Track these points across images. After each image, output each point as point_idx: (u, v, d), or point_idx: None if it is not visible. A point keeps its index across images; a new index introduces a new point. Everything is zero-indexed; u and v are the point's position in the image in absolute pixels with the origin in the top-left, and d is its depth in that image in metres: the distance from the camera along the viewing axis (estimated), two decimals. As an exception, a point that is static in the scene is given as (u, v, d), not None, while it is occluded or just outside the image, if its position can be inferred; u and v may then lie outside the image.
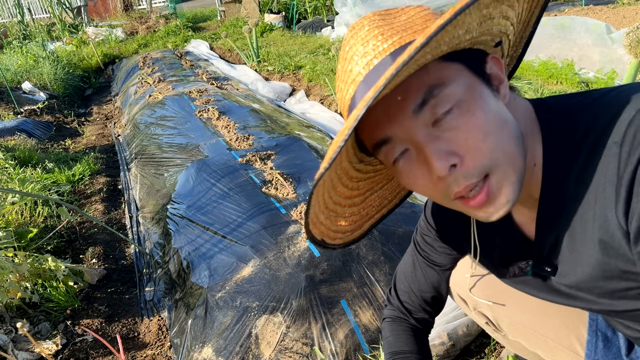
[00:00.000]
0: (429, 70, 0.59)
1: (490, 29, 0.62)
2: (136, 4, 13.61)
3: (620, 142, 0.59)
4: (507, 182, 0.63)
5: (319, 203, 0.70)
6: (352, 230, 0.82)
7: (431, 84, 0.60)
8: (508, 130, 0.62)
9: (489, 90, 0.64)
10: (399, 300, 1.11)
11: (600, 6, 6.20)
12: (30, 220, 2.65)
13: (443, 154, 0.61)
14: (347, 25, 6.61)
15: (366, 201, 0.83)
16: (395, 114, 0.62)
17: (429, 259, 1.04)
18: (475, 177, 0.62)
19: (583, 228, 0.65)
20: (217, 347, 1.59)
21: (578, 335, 0.94)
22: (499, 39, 0.67)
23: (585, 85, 3.68)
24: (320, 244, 0.77)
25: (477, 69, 0.64)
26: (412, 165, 0.65)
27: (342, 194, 0.76)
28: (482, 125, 0.60)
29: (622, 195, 0.58)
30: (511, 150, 0.62)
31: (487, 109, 0.61)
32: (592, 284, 0.69)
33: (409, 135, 0.63)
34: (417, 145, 0.63)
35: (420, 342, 1.08)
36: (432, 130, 0.61)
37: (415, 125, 0.61)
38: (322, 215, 0.73)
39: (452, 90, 0.60)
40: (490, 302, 1.01)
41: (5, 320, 1.92)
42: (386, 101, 0.61)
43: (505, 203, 0.64)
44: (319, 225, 0.74)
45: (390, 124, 0.63)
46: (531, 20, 0.71)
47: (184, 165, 2.86)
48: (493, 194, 0.63)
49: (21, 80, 6.04)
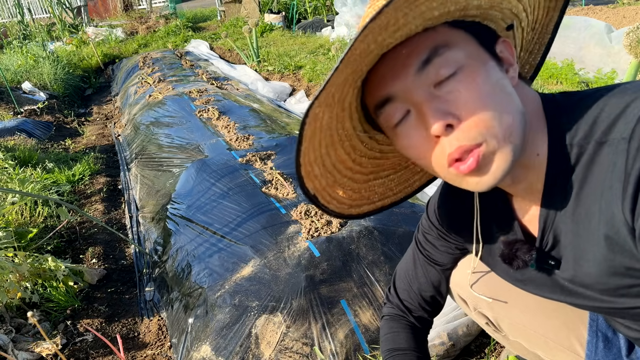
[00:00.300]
0: (437, 32, 0.62)
1: (500, 4, 0.64)
2: (136, 4, 13.60)
3: (629, 138, 0.59)
4: (499, 153, 0.63)
5: (313, 152, 0.69)
6: (349, 204, 0.82)
7: (437, 44, 0.62)
8: (509, 103, 0.63)
9: (496, 64, 0.65)
10: (399, 299, 1.11)
11: (600, 6, 6.19)
12: (30, 220, 2.65)
13: (440, 113, 0.62)
14: (347, 25, 6.61)
15: (369, 183, 0.83)
16: (399, 70, 0.63)
17: (430, 258, 1.04)
18: (469, 141, 0.62)
19: (588, 223, 0.65)
20: (217, 347, 1.59)
21: (578, 335, 0.94)
22: (511, 22, 0.68)
23: (585, 85, 3.68)
24: (312, 199, 0.75)
25: (486, 43, 0.66)
26: (411, 127, 0.66)
27: (342, 159, 0.76)
28: (483, 92, 0.62)
29: (629, 192, 0.58)
30: (509, 123, 0.63)
31: (490, 77, 0.63)
32: (596, 280, 0.69)
33: (410, 94, 0.64)
34: (417, 104, 0.64)
35: (419, 341, 1.08)
36: (434, 90, 0.63)
37: (417, 84, 0.63)
38: (318, 169, 0.72)
39: (457, 53, 0.62)
40: (490, 298, 1.00)
41: (5, 320, 1.92)
42: (392, 58, 0.63)
43: (495, 172, 0.64)
44: (313, 179, 0.73)
45: (393, 81, 0.64)
46: (550, 24, 0.72)
47: (184, 165, 2.86)
48: (484, 161, 0.63)
49: (21, 80, 6.04)
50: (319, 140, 0.69)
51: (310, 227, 1.94)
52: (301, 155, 0.67)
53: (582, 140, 0.64)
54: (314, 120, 0.64)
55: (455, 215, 0.92)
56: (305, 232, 1.92)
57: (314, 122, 0.65)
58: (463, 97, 0.61)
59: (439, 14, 0.59)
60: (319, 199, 0.77)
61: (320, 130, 0.67)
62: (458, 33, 0.64)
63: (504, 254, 0.80)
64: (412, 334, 1.08)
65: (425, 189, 1.14)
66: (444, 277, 1.06)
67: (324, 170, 0.74)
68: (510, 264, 0.79)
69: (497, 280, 0.92)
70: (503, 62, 0.67)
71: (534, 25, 0.72)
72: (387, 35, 0.59)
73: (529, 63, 0.79)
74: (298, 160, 0.67)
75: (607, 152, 0.61)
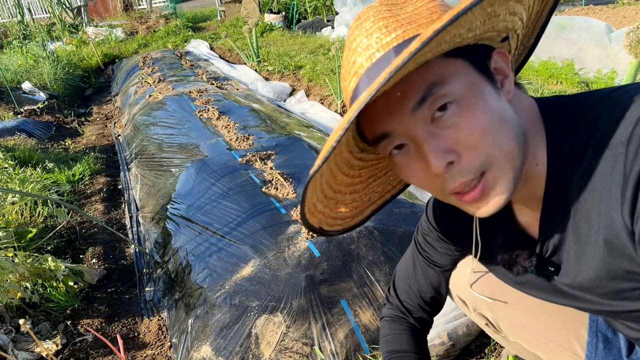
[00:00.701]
0: (430, 67, 0.59)
1: (496, 26, 0.62)
2: (136, 4, 13.60)
3: (627, 142, 0.58)
4: (502, 180, 0.63)
5: (316, 194, 0.70)
6: (352, 215, 0.82)
7: (431, 82, 0.59)
8: (508, 128, 0.62)
9: (491, 88, 0.63)
10: (399, 300, 1.11)
11: (600, 6, 6.19)
12: (30, 220, 2.65)
13: (440, 152, 0.61)
14: (347, 25, 6.62)
15: (368, 187, 0.82)
16: (394, 110, 0.62)
17: (430, 259, 1.04)
18: (471, 174, 0.62)
19: (588, 228, 0.65)
20: (217, 347, 1.59)
21: (578, 336, 0.94)
22: (506, 35, 0.66)
23: (585, 85, 3.68)
24: (318, 231, 0.76)
25: (481, 64, 0.63)
26: (410, 159, 0.66)
27: (343, 182, 0.76)
28: (481, 123, 0.60)
29: (628, 196, 0.58)
30: (509, 148, 0.62)
31: (487, 106, 0.61)
32: (596, 284, 0.69)
33: (407, 132, 0.63)
34: (416, 141, 0.63)
35: (419, 342, 1.08)
36: (431, 127, 0.62)
37: (414, 121, 0.62)
38: (320, 204, 0.73)
39: (452, 88, 0.60)
40: (490, 299, 1.00)
41: (5, 320, 1.92)
42: (386, 97, 0.61)
43: (499, 199, 0.64)
44: (317, 214, 0.74)
45: (389, 120, 0.63)
46: (544, 10, 0.70)
47: (184, 165, 2.86)
48: (487, 190, 0.63)
49: (21, 80, 6.04)
50: (320, 184, 0.69)
51: (310, 227, 1.94)
52: (305, 210, 0.69)
53: (581, 146, 0.64)
54: (313, 182, 0.65)
55: (454, 217, 0.92)
56: (305, 232, 1.92)
57: (314, 182, 0.65)
58: (461, 132, 0.60)
59: (432, 55, 0.57)
60: (324, 228, 0.77)
61: (320, 175, 0.67)
62: (452, 62, 0.61)
63: (504, 259, 0.79)
64: (412, 336, 1.08)
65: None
66: (444, 279, 1.06)
67: (327, 200, 0.74)
68: (510, 269, 0.79)
69: (497, 282, 0.92)
70: (497, 76, 0.66)
71: (528, 22, 0.72)
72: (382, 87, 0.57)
73: (522, 45, 0.77)
74: (304, 216, 0.69)
75: (605, 156, 0.61)
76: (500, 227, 0.81)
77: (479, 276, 1.02)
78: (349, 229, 0.83)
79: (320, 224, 0.75)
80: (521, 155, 0.64)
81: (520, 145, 0.63)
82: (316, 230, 0.76)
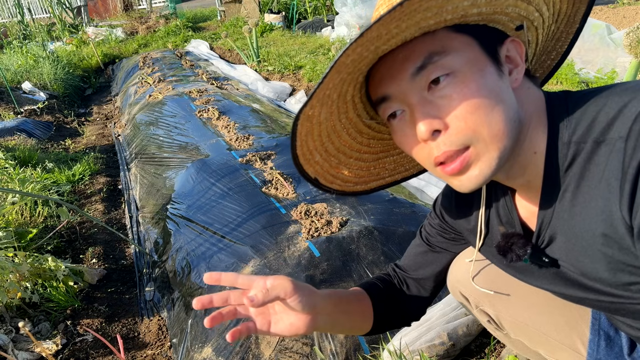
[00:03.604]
0: (435, 37, 0.63)
1: (505, 9, 0.64)
2: (136, 4, 13.60)
3: (626, 137, 0.59)
4: (485, 157, 0.65)
5: (313, 141, 0.73)
6: (355, 182, 0.84)
7: (432, 50, 0.63)
8: (502, 109, 0.64)
9: (494, 69, 0.65)
10: (395, 265, 1.08)
11: (600, 6, 6.20)
12: (30, 220, 2.65)
13: (429, 118, 0.64)
14: (347, 25, 6.60)
15: (379, 161, 0.85)
16: (396, 74, 0.66)
17: (432, 244, 1.03)
18: (455, 146, 0.64)
19: (586, 221, 0.66)
20: (217, 347, 1.58)
21: (580, 334, 0.94)
22: (520, 23, 0.68)
23: (585, 85, 3.68)
24: (312, 182, 0.79)
25: (489, 47, 0.66)
26: (405, 125, 0.69)
27: (348, 144, 0.79)
28: (474, 98, 0.63)
29: (627, 190, 0.59)
30: (498, 129, 0.64)
31: (484, 84, 0.63)
32: (595, 276, 0.69)
33: (404, 96, 0.66)
34: (411, 107, 0.66)
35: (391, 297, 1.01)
36: (427, 94, 0.65)
37: (411, 87, 0.65)
38: (319, 156, 0.76)
39: (452, 59, 0.63)
40: (492, 291, 1.00)
41: (5, 320, 1.92)
42: (391, 60, 0.65)
43: (478, 175, 0.66)
44: (313, 164, 0.77)
45: (390, 83, 0.67)
46: (576, 16, 0.72)
47: (184, 165, 2.86)
48: (468, 165, 0.66)
49: (21, 80, 6.04)
50: (318, 133, 0.72)
51: (310, 227, 1.94)
52: (297, 148, 0.70)
53: (580, 139, 0.65)
54: (306, 120, 0.67)
55: (460, 204, 0.92)
56: (305, 232, 1.92)
57: (307, 121, 0.68)
58: (453, 103, 0.63)
59: (435, 22, 0.60)
60: (320, 181, 0.79)
61: (318, 124, 0.70)
62: (458, 37, 0.64)
63: (499, 245, 0.81)
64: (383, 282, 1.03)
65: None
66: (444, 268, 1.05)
67: (327, 155, 0.77)
68: (504, 255, 0.80)
69: (499, 277, 0.92)
70: (506, 64, 0.68)
71: (556, 17, 0.72)
72: (381, 43, 0.60)
73: (555, 51, 0.79)
74: (294, 152, 0.71)
75: (604, 151, 0.62)
76: (502, 214, 0.82)
77: (480, 270, 1.02)
78: (349, 193, 0.85)
79: (316, 174, 0.78)
80: (511, 138, 0.65)
81: (511, 129, 0.65)
82: (310, 180, 0.78)
